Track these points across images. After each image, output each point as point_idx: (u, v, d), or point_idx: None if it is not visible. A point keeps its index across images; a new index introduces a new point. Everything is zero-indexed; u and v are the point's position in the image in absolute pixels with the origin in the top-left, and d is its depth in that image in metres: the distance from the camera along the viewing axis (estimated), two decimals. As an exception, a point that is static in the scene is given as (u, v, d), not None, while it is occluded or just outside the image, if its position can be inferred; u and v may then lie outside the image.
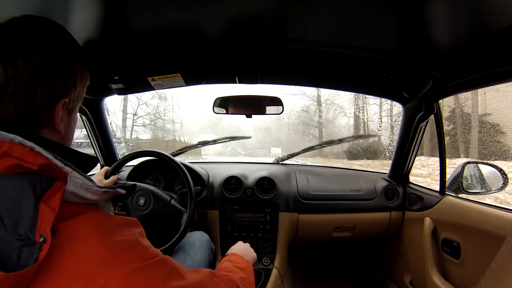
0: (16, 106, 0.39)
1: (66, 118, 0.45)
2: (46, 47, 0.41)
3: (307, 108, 9.80)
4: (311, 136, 9.52)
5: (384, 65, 1.00)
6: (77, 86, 0.45)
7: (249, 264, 0.74)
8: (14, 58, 0.38)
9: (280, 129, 10.02)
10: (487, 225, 0.93)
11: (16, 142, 0.36)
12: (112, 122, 7.28)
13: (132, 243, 0.38)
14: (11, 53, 0.38)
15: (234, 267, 0.67)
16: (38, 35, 0.41)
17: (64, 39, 0.45)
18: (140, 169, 1.38)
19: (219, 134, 10.21)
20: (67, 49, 0.44)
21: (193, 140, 11.29)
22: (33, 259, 0.30)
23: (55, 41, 0.43)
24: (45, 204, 0.33)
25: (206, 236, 1.17)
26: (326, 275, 1.79)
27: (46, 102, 0.41)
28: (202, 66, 1.08)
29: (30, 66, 0.39)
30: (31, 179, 0.35)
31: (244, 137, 1.73)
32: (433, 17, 0.71)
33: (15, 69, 0.38)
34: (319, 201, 1.39)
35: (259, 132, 10.13)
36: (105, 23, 0.78)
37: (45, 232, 0.31)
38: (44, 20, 0.44)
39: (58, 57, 0.42)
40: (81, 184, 0.37)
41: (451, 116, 6.15)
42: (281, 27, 0.81)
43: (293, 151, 1.65)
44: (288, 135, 10.15)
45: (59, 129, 0.43)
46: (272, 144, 9.66)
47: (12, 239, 0.30)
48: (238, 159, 1.70)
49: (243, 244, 0.89)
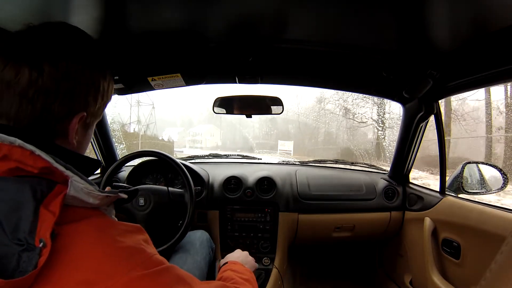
0: (33, 111, 0.39)
1: (81, 132, 0.44)
2: (74, 58, 0.41)
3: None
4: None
5: (384, 65, 1.00)
6: (97, 102, 0.45)
7: (252, 275, 0.72)
8: (41, 63, 0.38)
9: (287, 120, 8.74)
10: (487, 225, 0.93)
11: (16, 145, 0.35)
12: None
13: (134, 250, 0.37)
14: (39, 58, 0.38)
15: (240, 279, 0.65)
16: (69, 44, 0.41)
17: (94, 51, 0.44)
18: (140, 169, 1.38)
19: (220, 125, 9.60)
20: (95, 62, 0.44)
21: (190, 132, 11.22)
22: (32, 265, 0.29)
23: (84, 53, 0.43)
24: (45, 208, 0.33)
25: (207, 235, 1.17)
26: (326, 275, 1.78)
27: (63, 112, 0.41)
28: (202, 66, 1.08)
29: (55, 74, 0.39)
30: (31, 182, 0.34)
31: (255, 157, 1.75)
32: (433, 17, 0.71)
33: (39, 74, 0.38)
34: (319, 201, 1.39)
35: (265, 124, 9.22)
36: (105, 23, 0.78)
37: (44, 236, 0.31)
38: (77, 30, 0.44)
39: (84, 69, 0.42)
40: (82, 188, 0.36)
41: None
42: (281, 27, 0.81)
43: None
44: (298, 128, 8.64)
45: (72, 142, 0.43)
46: (280, 137, 8.41)
47: (11, 244, 0.30)
48: (238, 159, 1.70)
49: (241, 252, 0.86)
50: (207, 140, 10.41)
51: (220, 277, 0.67)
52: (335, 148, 7.73)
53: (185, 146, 10.76)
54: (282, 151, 7.21)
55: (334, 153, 7.62)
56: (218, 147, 8.66)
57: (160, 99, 9.36)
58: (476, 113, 6.51)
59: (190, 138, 11.17)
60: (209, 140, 10.43)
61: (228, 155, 1.71)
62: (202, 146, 10.16)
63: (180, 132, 11.24)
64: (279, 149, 7.27)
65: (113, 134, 1.47)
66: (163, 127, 11.28)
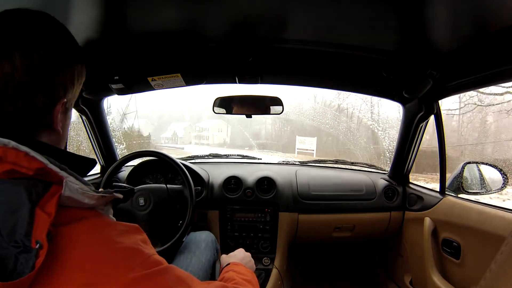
0: (15, 108, 0.37)
1: (62, 117, 0.43)
2: (46, 46, 0.38)
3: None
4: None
5: (384, 65, 1.00)
6: (75, 84, 0.43)
7: (254, 276, 0.71)
8: (13, 57, 0.36)
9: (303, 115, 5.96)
10: (487, 225, 0.93)
11: (10, 146, 0.34)
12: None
13: (133, 251, 0.37)
14: (9, 52, 0.36)
15: (241, 280, 0.63)
16: (38, 32, 0.38)
17: (65, 37, 0.42)
18: (140, 169, 1.38)
19: (229, 120, 8.46)
20: (68, 48, 0.42)
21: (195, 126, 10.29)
22: (29, 267, 0.29)
23: (55, 39, 0.40)
24: (41, 210, 0.32)
25: (212, 237, 1.17)
26: (326, 275, 1.78)
27: (46, 103, 0.39)
28: (202, 66, 1.08)
29: (29, 66, 0.36)
30: (26, 184, 0.34)
31: (255, 157, 1.74)
32: (433, 17, 0.71)
33: (13, 68, 0.36)
34: (319, 201, 1.39)
35: (277, 119, 7.30)
36: (105, 23, 0.78)
37: (41, 238, 0.30)
38: (44, 16, 0.41)
39: (59, 56, 0.40)
40: (77, 188, 0.35)
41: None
42: (281, 27, 0.81)
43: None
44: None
45: (57, 130, 0.42)
46: (298, 133, 6.42)
47: (8, 246, 0.30)
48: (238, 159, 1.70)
49: (245, 253, 0.84)
50: (215, 136, 9.56)
51: (221, 278, 0.67)
52: (375, 147, 6.39)
53: (190, 142, 9.93)
54: (301, 150, 5.39)
55: (371, 154, 5.50)
56: (225, 143, 8.01)
57: (167, 91, 8.00)
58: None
59: (196, 133, 10.30)
60: (216, 136, 9.53)
61: (228, 155, 1.72)
62: (209, 143, 9.07)
63: (186, 127, 10.37)
64: (297, 148, 5.44)
65: (113, 134, 1.48)
66: (170, 121, 10.77)
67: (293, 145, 5.80)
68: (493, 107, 4.66)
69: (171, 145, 9.61)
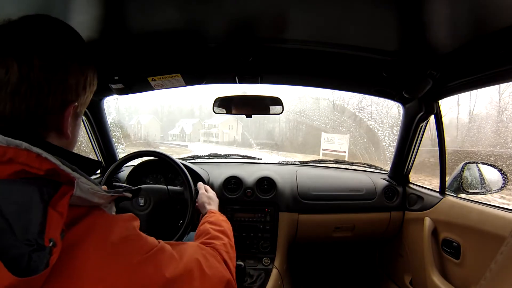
0: (27, 107, 0.39)
1: (72, 122, 0.45)
2: (63, 49, 0.41)
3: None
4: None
5: (384, 65, 1.00)
6: (86, 91, 0.45)
7: (228, 224, 0.77)
8: (31, 58, 0.38)
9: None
10: (487, 225, 0.93)
11: (23, 148, 0.35)
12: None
13: (133, 238, 0.40)
14: (28, 52, 0.38)
15: (215, 232, 0.70)
16: (56, 36, 0.41)
17: (80, 42, 0.45)
18: (140, 169, 1.38)
19: (240, 117, 7.98)
20: (82, 52, 0.44)
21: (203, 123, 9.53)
22: (43, 264, 0.30)
23: (71, 44, 0.43)
24: (53, 209, 0.33)
25: None
26: (326, 275, 1.79)
27: (57, 105, 0.41)
28: (202, 66, 1.08)
29: (45, 67, 0.39)
30: (38, 184, 0.35)
31: (255, 157, 1.74)
32: (433, 17, 0.71)
33: (30, 69, 0.38)
34: (319, 201, 1.39)
35: (292, 116, 5.67)
36: (105, 23, 0.78)
37: (54, 236, 0.32)
38: (60, 22, 0.44)
39: (73, 60, 0.42)
40: (88, 189, 0.37)
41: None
42: (281, 27, 0.81)
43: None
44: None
45: (67, 133, 0.43)
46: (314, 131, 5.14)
47: (21, 245, 0.30)
48: (238, 159, 1.70)
49: (209, 194, 0.97)
50: (224, 134, 9.02)
51: (198, 230, 0.73)
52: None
53: (198, 140, 9.45)
54: (328, 151, 4.12)
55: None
56: (235, 142, 7.54)
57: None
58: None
59: (204, 130, 9.70)
60: (226, 133, 8.98)
61: (228, 155, 1.72)
62: (218, 140, 8.64)
63: (195, 124, 9.89)
64: (323, 149, 4.18)
65: (113, 135, 1.48)
66: (179, 118, 10.44)
67: (312, 144, 4.62)
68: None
69: (174, 142, 9.30)
